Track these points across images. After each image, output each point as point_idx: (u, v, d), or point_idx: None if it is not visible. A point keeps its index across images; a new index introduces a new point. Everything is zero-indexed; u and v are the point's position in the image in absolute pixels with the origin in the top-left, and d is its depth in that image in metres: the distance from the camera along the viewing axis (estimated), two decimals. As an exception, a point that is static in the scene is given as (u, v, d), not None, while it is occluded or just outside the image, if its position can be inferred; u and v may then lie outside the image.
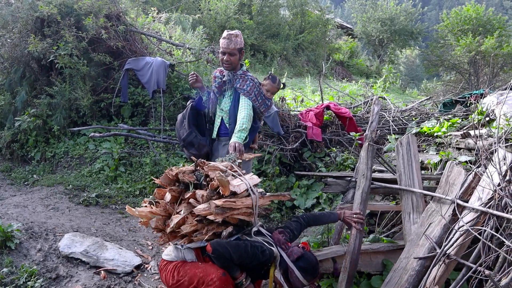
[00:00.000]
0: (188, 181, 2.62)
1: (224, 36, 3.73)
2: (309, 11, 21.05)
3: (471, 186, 2.72)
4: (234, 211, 2.51)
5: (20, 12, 6.94)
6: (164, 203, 2.70)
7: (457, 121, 5.36)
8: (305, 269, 2.49)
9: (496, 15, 21.10)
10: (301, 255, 2.52)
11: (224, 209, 2.45)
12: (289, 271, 2.50)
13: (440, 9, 60.70)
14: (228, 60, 3.72)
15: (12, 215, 4.37)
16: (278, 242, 2.59)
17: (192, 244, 2.60)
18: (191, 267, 2.57)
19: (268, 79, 4.14)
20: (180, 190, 2.67)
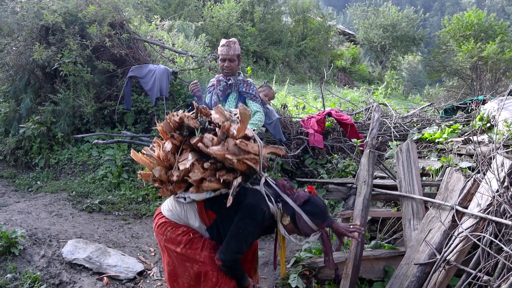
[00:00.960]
0: (194, 126, 2.46)
1: (223, 43, 3.92)
2: (311, 18, 21.15)
3: (470, 192, 2.75)
4: (246, 155, 2.40)
5: (25, 21, 7.02)
6: (165, 152, 2.50)
7: (458, 127, 5.38)
8: (312, 213, 2.40)
9: (498, 21, 21.15)
10: (307, 198, 2.43)
11: (240, 150, 2.35)
12: (296, 217, 2.40)
13: (442, 15, 60.84)
14: (228, 66, 3.89)
15: (16, 222, 4.41)
16: (283, 188, 2.52)
17: (198, 195, 2.46)
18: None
19: (265, 86, 4.28)
20: (182, 139, 2.49)
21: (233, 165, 2.37)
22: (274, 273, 3.91)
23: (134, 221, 5.26)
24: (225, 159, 2.34)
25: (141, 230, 4.92)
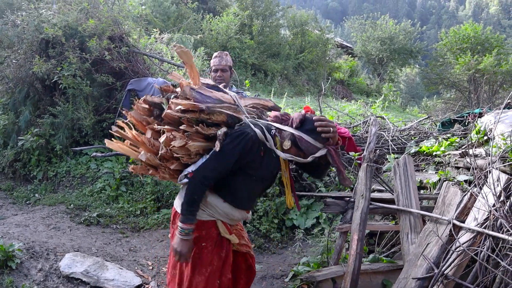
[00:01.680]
0: (160, 102, 2.46)
1: (215, 55, 4.02)
2: (309, 31, 21.32)
3: (467, 206, 2.76)
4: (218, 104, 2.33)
5: (25, 34, 7.08)
6: (147, 139, 2.49)
7: (455, 140, 5.41)
8: (312, 130, 2.22)
9: (494, 34, 21.37)
10: (303, 118, 2.28)
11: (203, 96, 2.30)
12: (297, 139, 2.24)
13: (439, 28, 61.41)
14: (221, 75, 3.96)
15: (13, 235, 4.40)
16: (276, 119, 2.37)
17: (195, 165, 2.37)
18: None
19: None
20: (156, 120, 2.49)
21: (210, 119, 2.31)
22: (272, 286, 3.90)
23: (132, 235, 5.25)
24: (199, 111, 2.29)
25: (139, 244, 4.91)
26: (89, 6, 7.24)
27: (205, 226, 2.38)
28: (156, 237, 5.16)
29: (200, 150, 2.37)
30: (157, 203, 5.98)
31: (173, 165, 2.42)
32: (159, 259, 4.50)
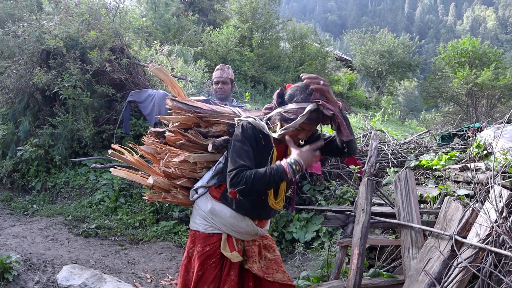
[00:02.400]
0: (163, 130, 2.48)
1: (217, 68, 4.04)
2: (309, 44, 21.44)
3: (469, 222, 2.75)
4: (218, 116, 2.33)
5: (26, 44, 7.11)
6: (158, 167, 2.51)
7: (455, 154, 5.41)
8: (291, 95, 2.11)
9: (492, 48, 21.54)
10: (280, 91, 2.20)
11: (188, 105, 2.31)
12: (284, 113, 2.10)
13: (437, 42, 61.93)
14: (222, 88, 3.97)
15: (11, 246, 4.36)
16: (264, 112, 2.31)
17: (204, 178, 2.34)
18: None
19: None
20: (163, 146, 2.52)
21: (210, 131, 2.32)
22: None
23: (131, 247, 5.21)
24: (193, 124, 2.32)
25: (138, 256, 4.87)
26: (91, 17, 7.29)
27: (209, 241, 2.32)
28: (155, 249, 5.12)
29: (204, 162, 2.35)
30: (156, 215, 5.95)
31: (180, 181, 2.39)
32: (158, 272, 4.46)
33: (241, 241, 2.35)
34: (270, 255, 2.43)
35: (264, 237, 2.47)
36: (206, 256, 2.31)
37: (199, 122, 2.35)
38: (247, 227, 2.30)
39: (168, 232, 5.58)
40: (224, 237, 2.30)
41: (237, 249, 2.31)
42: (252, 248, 2.37)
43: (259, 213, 2.32)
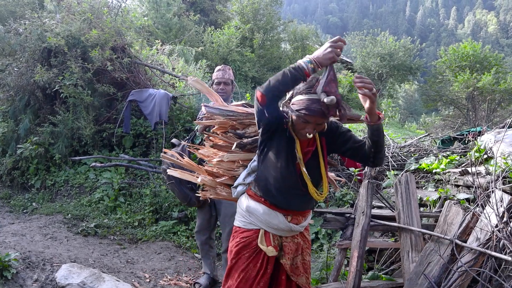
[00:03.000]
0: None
1: (219, 68, 4.07)
2: (310, 45, 21.46)
3: (469, 226, 2.75)
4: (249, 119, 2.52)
5: (28, 42, 7.11)
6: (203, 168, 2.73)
7: (455, 158, 5.41)
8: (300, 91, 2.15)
9: (493, 52, 21.55)
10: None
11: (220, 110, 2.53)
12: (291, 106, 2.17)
13: (438, 46, 61.98)
14: (223, 89, 3.99)
15: (9, 244, 4.36)
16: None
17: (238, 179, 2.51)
18: None
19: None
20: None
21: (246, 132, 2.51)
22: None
23: (130, 246, 5.20)
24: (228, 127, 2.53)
25: (137, 256, 4.86)
26: (93, 16, 7.29)
27: (246, 234, 2.43)
28: (154, 249, 5.11)
29: (239, 161, 2.53)
30: (155, 215, 5.95)
31: (220, 179, 2.60)
32: (157, 272, 4.46)
33: (279, 237, 2.42)
34: (302, 258, 2.49)
35: (304, 239, 2.51)
36: (241, 247, 2.41)
37: (235, 124, 2.55)
38: (280, 223, 2.36)
39: (167, 232, 5.57)
40: (262, 232, 2.40)
41: (273, 244, 2.38)
42: (289, 245, 2.42)
43: (287, 202, 2.35)
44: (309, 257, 2.52)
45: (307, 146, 2.32)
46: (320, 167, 2.34)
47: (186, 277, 4.44)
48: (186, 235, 5.53)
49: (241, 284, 2.35)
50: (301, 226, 2.43)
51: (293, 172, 2.30)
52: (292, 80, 2.04)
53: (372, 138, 2.20)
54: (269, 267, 2.39)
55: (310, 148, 2.32)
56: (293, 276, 2.41)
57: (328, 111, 2.03)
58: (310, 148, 2.32)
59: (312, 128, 2.16)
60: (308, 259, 2.51)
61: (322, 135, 2.34)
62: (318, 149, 2.34)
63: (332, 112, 2.04)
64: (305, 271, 2.46)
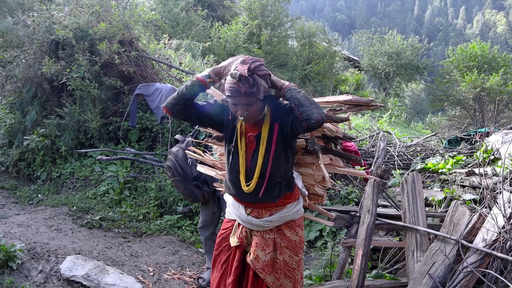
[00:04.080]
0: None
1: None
2: (317, 43, 21.37)
3: (476, 226, 2.73)
4: None
5: (36, 34, 7.13)
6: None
7: (462, 159, 5.38)
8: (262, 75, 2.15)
9: (501, 53, 21.37)
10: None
11: None
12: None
13: (446, 45, 61.60)
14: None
15: (15, 235, 4.38)
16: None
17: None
18: None
19: None
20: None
21: None
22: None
23: (134, 240, 5.22)
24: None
25: (141, 249, 4.88)
26: (101, 9, 7.30)
27: (226, 225, 2.50)
28: (158, 243, 5.13)
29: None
30: (160, 209, 5.97)
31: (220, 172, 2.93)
32: (160, 266, 4.47)
33: (250, 230, 2.38)
34: (274, 257, 2.37)
35: (284, 238, 2.38)
36: (222, 238, 2.47)
37: None
38: (241, 215, 2.36)
39: (171, 226, 5.59)
40: (236, 224, 2.43)
41: (239, 236, 2.38)
42: (257, 239, 2.34)
43: (239, 193, 2.32)
44: (289, 257, 2.37)
45: (250, 132, 2.27)
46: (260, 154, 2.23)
47: (189, 272, 4.45)
48: (191, 230, 5.55)
49: (223, 277, 2.38)
50: (265, 220, 2.32)
51: (236, 161, 2.27)
52: (187, 89, 2.20)
53: (288, 97, 2.12)
54: (237, 259, 2.37)
55: (251, 133, 2.26)
56: (259, 272, 2.31)
57: (241, 87, 2.03)
58: (251, 134, 2.26)
59: (242, 110, 2.12)
60: (285, 259, 2.36)
61: (276, 121, 2.23)
62: (262, 135, 2.23)
63: (244, 88, 2.02)
64: (275, 270, 2.35)
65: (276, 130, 2.21)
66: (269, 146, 2.21)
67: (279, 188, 2.28)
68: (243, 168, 2.25)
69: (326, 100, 2.50)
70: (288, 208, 2.36)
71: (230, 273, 2.36)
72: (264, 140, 2.21)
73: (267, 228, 2.34)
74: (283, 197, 2.33)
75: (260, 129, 2.24)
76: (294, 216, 2.39)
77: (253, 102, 2.10)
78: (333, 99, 2.47)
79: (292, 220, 2.40)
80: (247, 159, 2.26)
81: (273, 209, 2.33)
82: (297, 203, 2.42)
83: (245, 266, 2.39)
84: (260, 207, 2.32)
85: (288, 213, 2.36)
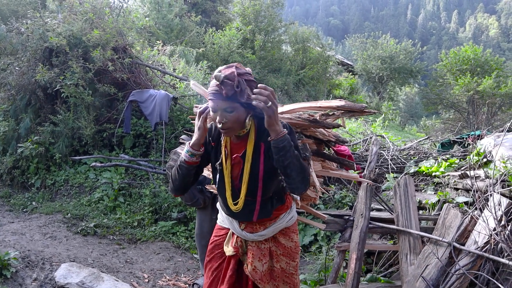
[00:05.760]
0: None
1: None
2: (311, 48, 21.44)
3: (468, 229, 2.76)
4: None
5: (29, 42, 7.14)
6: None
7: (455, 162, 5.42)
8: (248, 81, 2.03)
9: (494, 56, 21.53)
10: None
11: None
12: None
13: (439, 49, 62.03)
14: None
15: (9, 243, 4.37)
16: None
17: None
18: None
19: None
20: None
21: None
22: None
23: (129, 246, 5.21)
24: None
25: (136, 256, 4.87)
26: (94, 16, 7.31)
27: (219, 232, 2.44)
28: (153, 249, 5.12)
29: None
30: (154, 215, 5.96)
31: None
32: (155, 272, 4.46)
33: (245, 240, 2.33)
34: (271, 265, 2.34)
35: (279, 245, 2.34)
36: (214, 245, 2.42)
37: None
38: (234, 228, 2.32)
39: (166, 233, 5.58)
40: (230, 233, 2.38)
41: (234, 246, 2.32)
42: (253, 249, 2.30)
43: (231, 213, 2.28)
44: (285, 264, 2.33)
45: (236, 152, 2.18)
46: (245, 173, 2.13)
47: (184, 278, 4.44)
48: (185, 236, 5.54)
49: (213, 283, 2.35)
50: (259, 235, 2.28)
51: (222, 181, 2.21)
52: (181, 169, 2.14)
53: (276, 157, 1.97)
54: (232, 268, 2.32)
55: (237, 154, 2.16)
56: (258, 282, 2.27)
57: (222, 89, 1.93)
58: (237, 154, 2.16)
59: (221, 116, 1.99)
60: (282, 266, 2.32)
61: (261, 141, 2.10)
62: (246, 154, 2.13)
63: (226, 90, 1.91)
64: (274, 278, 2.31)
65: (262, 150, 2.11)
66: (256, 166, 2.12)
67: (271, 203, 2.22)
68: (229, 188, 2.19)
69: (318, 105, 2.50)
70: (282, 219, 2.32)
71: (223, 281, 2.32)
72: (249, 159, 2.11)
73: (262, 239, 2.32)
74: (275, 210, 2.28)
75: (245, 148, 2.14)
76: (288, 224, 2.36)
77: (233, 109, 1.97)
78: (326, 104, 2.47)
79: (286, 227, 2.36)
80: (234, 179, 2.19)
81: (267, 223, 2.29)
82: (290, 211, 2.37)
83: (240, 275, 2.35)
84: (255, 223, 2.28)
85: (281, 223, 2.32)
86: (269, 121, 1.90)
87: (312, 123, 2.41)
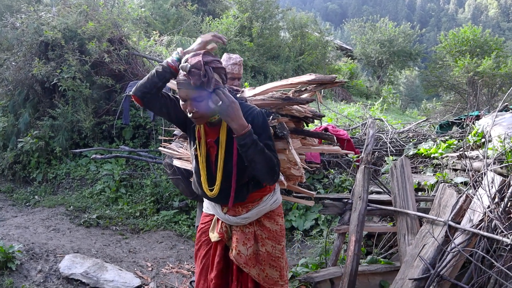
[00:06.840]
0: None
1: (236, 62, 3.73)
2: (309, 33, 21.32)
3: (463, 208, 2.79)
4: None
5: (25, 36, 7.12)
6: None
7: (453, 143, 5.43)
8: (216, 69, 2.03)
9: (493, 37, 21.37)
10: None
11: None
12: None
13: (438, 31, 61.56)
14: (237, 85, 3.82)
15: (13, 236, 4.42)
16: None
17: None
18: None
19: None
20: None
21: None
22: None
23: (132, 236, 5.27)
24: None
25: (139, 245, 4.93)
26: (89, 8, 7.29)
27: (205, 219, 2.43)
28: (156, 238, 5.18)
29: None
30: (156, 205, 6.01)
31: None
32: (159, 261, 4.52)
33: (229, 225, 2.33)
34: (257, 249, 2.33)
35: (264, 229, 2.34)
36: (201, 232, 2.44)
37: None
38: (217, 213, 2.33)
39: (168, 222, 5.64)
40: (215, 219, 2.38)
41: (219, 231, 2.32)
42: (238, 234, 2.30)
43: (209, 198, 2.29)
44: (271, 247, 2.33)
45: (211, 138, 2.19)
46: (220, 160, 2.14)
47: (187, 265, 4.50)
48: (187, 224, 5.60)
49: (203, 271, 2.36)
50: (242, 218, 2.27)
51: (197, 166, 2.22)
52: (159, 76, 2.06)
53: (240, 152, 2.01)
54: (219, 254, 2.33)
55: (211, 139, 2.17)
56: (243, 267, 2.27)
57: (190, 79, 1.93)
58: (211, 139, 2.17)
59: (191, 106, 2.01)
60: (267, 250, 2.32)
61: None
62: (220, 140, 2.14)
63: (193, 80, 1.91)
64: (259, 262, 2.31)
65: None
66: (229, 152, 2.13)
67: (246, 188, 2.21)
68: (204, 173, 2.19)
69: (289, 82, 2.47)
70: (265, 201, 2.31)
71: (212, 268, 2.33)
72: (222, 145, 2.13)
73: (246, 223, 2.30)
74: (251, 195, 2.26)
75: (218, 135, 2.15)
76: (272, 207, 2.35)
77: (203, 98, 1.97)
78: (297, 81, 2.45)
79: (271, 211, 2.35)
80: (210, 164, 2.20)
81: (249, 205, 2.28)
82: (273, 194, 2.36)
83: (228, 261, 2.35)
84: (235, 205, 2.27)
85: (265, 206, 2.31)
86: (227, 120, 1.94)
87: (285, 101, 2.37)
